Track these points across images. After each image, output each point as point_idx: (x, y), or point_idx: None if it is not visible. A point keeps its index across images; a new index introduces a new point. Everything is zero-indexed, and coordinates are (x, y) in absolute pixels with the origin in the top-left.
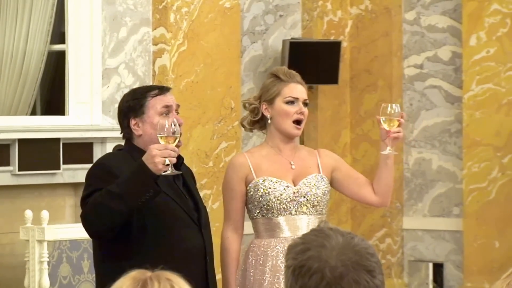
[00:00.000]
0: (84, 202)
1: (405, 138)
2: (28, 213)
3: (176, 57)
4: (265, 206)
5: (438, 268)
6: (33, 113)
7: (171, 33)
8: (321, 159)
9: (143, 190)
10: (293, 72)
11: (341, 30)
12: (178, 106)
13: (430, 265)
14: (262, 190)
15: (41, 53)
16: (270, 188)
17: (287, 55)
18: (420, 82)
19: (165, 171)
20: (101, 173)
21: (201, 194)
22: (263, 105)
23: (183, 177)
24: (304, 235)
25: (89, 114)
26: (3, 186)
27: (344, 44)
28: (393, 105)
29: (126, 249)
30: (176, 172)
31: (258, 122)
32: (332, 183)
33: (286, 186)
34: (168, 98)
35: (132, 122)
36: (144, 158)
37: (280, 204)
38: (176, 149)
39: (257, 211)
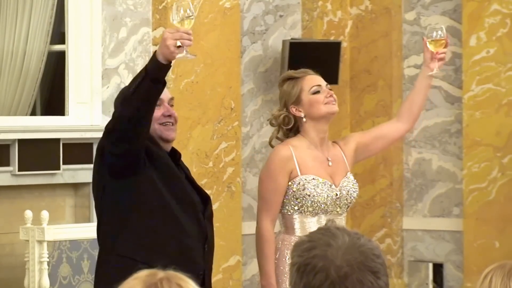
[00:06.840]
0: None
1: (405, 138)
2: (28, 213)
3: None
4: (306, 204)
5: (438, 268)
6: (33, 113)
7: None
8: (343, 151)
9: (158, 71)
10: (302, 69)
11: (341, 30)
12: (171, 99)
13: (430, 265)
14: (309, 190)
15: (41, 53)
16: (318, 188)
17: (287, 55)
18: None
19: (179, 55)
20: None
21: None
22: (291, 108)
23: (184, 172)
24: (311, 233)
25: (89, 114)
26: (3, 186)
27: (344, 44)
28: (438, 29)
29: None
30: (191, 56)
31: (291, 129)
32: (359, 155)
33: (330, 186)
34: None
35: None
36: (158, 47)
37: (324, 204)
38: (190, 31)
39: (296, 208)
